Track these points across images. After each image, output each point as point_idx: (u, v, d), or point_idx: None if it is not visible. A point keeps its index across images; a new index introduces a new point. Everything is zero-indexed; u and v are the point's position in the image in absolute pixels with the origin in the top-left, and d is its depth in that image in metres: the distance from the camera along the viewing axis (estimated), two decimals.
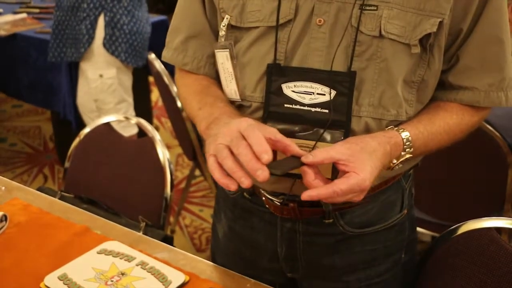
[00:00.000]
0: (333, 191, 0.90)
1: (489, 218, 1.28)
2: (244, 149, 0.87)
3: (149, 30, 3.09)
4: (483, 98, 1.09)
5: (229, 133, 0.91)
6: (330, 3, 1.01)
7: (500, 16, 1.06)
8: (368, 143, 0.97)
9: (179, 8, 1.22)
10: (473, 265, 1.26)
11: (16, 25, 3.59)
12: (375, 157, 0.96)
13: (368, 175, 0.92)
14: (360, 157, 0.93)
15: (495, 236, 1.25)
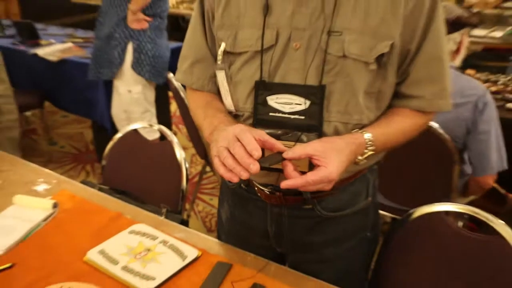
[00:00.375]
0: (306, 181, 0.92)
1: (439, 204, 1.29)
2: (239, 149, 0.90)
3: (168, 54, 3.09)
4: (428, 105, 1.10)
5: (226, 137, 0.93)
6: (304, 31, 1.02)
7: (439, 38, 1.07)
8: (337, 143, 0.98)
9: (186, 39, 1.23)
10: (427, 241, 1.27)
11: (64, 52, 3.59)
12: (342, 154, 0.96)
13: (335, 169, 0.93)
14: (330, 154, 0.94)
15: (444, 218, 1.26)
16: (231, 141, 0.92)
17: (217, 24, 1.12)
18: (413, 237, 1.29)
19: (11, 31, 4.16)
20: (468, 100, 1.86)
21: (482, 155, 1.89)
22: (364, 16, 1.00)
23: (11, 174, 1.66)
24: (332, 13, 1.00)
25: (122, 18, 2.90)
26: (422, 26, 1.04)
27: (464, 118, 1.88)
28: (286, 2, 1.03)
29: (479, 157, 1.90)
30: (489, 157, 1.88)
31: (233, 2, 1.09)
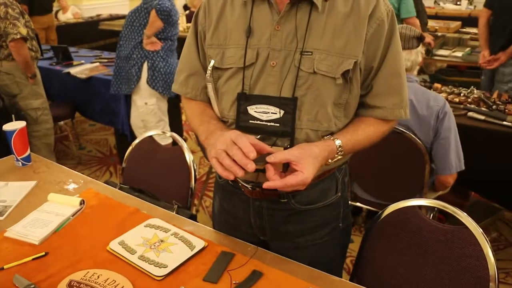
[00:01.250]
0: (285, 184, 0.93)
1: (413, 199, 1.27)
2: (237, 151, 0.91)
3: None
4: (390, 114, 1.10)
5: (224, 141, 0.94)
6: (280, 51, 1.02)
7: (398, 57, 1.08)
8: (313, 150, 0.98)
9: (182, 55, 1.23)
10: (402, 232, 1.25)
11: (92, 71, 3.59)
12: (316, 160, 0.97)
13: (310, 174, 0.94)
14: (307, 160, 0.94)
15: (417, 212, 1.24)
16: (229, 144, 0.93)
17: (208, 43, 1.12)
18: (390, 228, 1.27)
19: (49, 54, 4.17)
20: (432, 111, 1.87)
21: (442, 157, 1.89)
22: (332, 39, 1.01)
23: (46, 175, 1.64)
24: (304, 36, 1.01)
25: (138, 41, 2.91)
26: (383, 47, 1.04)
27: (429, 126, 1.88)
28: (265, 26, 1.04)
29: (440, 159, 1.90)
30: (448, 159, 1.88)
31: (221, 26, 1.10)
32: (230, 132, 0.96)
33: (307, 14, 1.01)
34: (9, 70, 2.90)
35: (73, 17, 7.36)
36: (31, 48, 2.91)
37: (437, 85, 2.79)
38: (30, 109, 3.02)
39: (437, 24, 5.25)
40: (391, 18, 1.05)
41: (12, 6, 2.77)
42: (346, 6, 1.02)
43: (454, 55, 3.99)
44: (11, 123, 1.70)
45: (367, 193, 2.15)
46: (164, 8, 2.76)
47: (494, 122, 2.22)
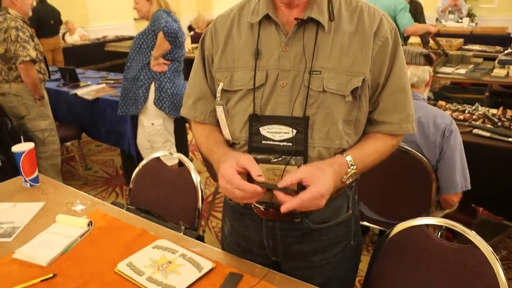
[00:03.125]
0: (301, 200, 0.93)
1: (420, 218, 1.27)
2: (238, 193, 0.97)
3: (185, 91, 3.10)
4: (397, 129, 1.11)
5: (223, 183, 0.99)
6: (289, 72, 1.04)
7: (403, 72, 1.09)
8: (321, 165, 0.99)
9: (190, 79, 1.24)
10: (410, 251, 1.24)
11: (98, 92, 3.63)
12: (326, 172, 0.97)
13: (322, 185, 0.94)
14: (316, 174, 0.95)
15: (425, 231, 1.23)
16: (228, 187, 0.98)
17: (216, 67, 1.13)
18: (398, 247, 1.26)
19: (56, 75, 4.22)
20: (438, 129, 1.87)
21: (448, 176, 1.88)
22: (339, 57, 1.02)
23: (54, 196, 1.65)
24: (312, 56, 1.02)
25: (146, 63, 2.94)
26: (388, 63, 1.06)
27: (435, 143, 1.88)
28: (273, 48, 1.06)
29: (445, 177, 1.89)
30: (454, 178, 1.87)
31: (229, 49, 1.12)
32: (222, 168, 1.00)
33: (314, 34, 1.03)
34: (17, 92, 2.94)
35: (80, 39, 7.48)
36: (40, 70, 2.96)
37: (441, 102, 2.80)
38: (38, 131, 3.05)
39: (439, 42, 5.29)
40: (394, 35, 1.07)
41: (23, 29, 2.83)
42: (351, 25, 1.04)
43: (458, 72, 4.01)
44: (20, 144, 1.72)
45: (374, 212, 2.13)
46: (172, 30, 2.80)
47: (500, 139, 2.22)
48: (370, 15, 1.05)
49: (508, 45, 5.57)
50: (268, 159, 1.04)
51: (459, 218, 2.07)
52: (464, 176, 1.87)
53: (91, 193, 3.12)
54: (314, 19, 1.02)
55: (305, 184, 0.95)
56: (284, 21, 1.06)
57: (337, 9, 1.05)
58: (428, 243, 1.21)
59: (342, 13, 1.05)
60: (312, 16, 1.02)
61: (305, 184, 0.95)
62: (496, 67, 4.00)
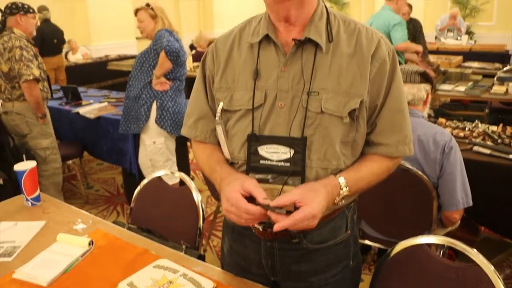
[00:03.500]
0: (294, 219, 0.95)
1: (421, 236, 1.27)
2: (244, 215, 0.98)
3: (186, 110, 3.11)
4: (394, 150, 1.11)
5: (227, 206, 1.00)
6: (287, 92, 1.05)
7: (400, 94, 1.10)
8: (314, 186, 1.01)
9: (191, 99, 1.25)
10: (412, 270, 1.23)
11: (100, 110, 3.65)
12: (319, 193, 0.98)
13: (315, 206, 0.96)
14: (309, 196, 0.97)
15: (426, 249, 1.23)
16: (233, 210, 0.99)
17: (216, 86, 1.15)
18: (399, 266, 1.26)
19: (59, 94, 4.26)
20: (438, 146, 1.88)
21: (449, 193, 1.88)
22: (337, 79, 1.03)
23: (55, 215, 1.65)
24: (310, 77, 1.03)
25: (148, 82, 2.96)
26: (385, 85, 1.07)
27: (435, 160, 1.88)
28: (272, 68, 1.07)
29: (446, 194, 1.89)
30: (455, 195, 1.86)
31: (229, 69, 1.13)
32: (227, 191, 1.01)
33: (313, 55, 1.04)
34: (20, 111, 2.96)
35: (82, 58, 7.56)
36: (43, 89, 2.99)
37: (441, 120, 2.82)
38: (39, 149, 3.06)
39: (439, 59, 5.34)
40: (392, 57, 1.08)
41: (27, 49, 2.87)
42: (349, 47, 1.05)
43: (457, 90, 4.04)
44: (22, 163, 1.72)
45: (375, 231, 2.13)
46: (173, 49, 2.83)
47: (500, 156, 2.23)
48: (368, 37, 1.06)
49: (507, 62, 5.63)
50: (266, 179, 1.06)
51: (462, 236, 2.07)
52: (465, 193, 1.87)
53: (92, 212, 3.12)
54: (312, 40, 1.04)
55: (298, 205, 0.96)
56: (283, 42, 1.07)
57: (335, 31, 1.07)
58: (429, 261, 1.20)
59: (340, 34, 1.07)
60: (310, 37, 1.04)
61: (298, 205, 0.96)
62: (495, 84, 4.04)
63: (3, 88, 2.93)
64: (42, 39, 5.93)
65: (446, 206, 1.90)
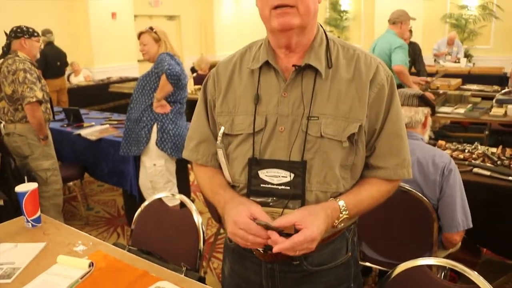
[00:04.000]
0: (293, 242, 0.96)
1: (422, 258, 1.27)
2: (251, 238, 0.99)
3: (186, 132, 3.11)
4: (393, 174, 1.13)
5: (234, 229, 1.01)
6: (287, 117, 1.07)
7: (398, 118, 1.12)
8: (314, 209, 1.02)
9: (192, 123, 1.27)
10: None
11: (102, 132, 3.67)
12: (319, 217, 1.00)
13: (315, 229, 0.97)
14: (308, 218, 0.98)
15: (427, 271, 1.23)
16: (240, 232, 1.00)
17: (218, 111, 1.17)
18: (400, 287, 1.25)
19: (61, 116, 4.29)
20: (437, 168, 1.89)
21: (448, 215, 1.88)
22: (336, 104, 1.06)
23: (56, 237, 1.66)
24: (310, 102, 1.06)
25: (149, 104, 2.99)
26: (384, 110, 1.09)
27: (435, 182, 1.89)
28: (273, 93, 1.09)
29: (446, 216, 1.88)
30: (455, 217, 1.86)
31: (230, 93, 1.15)
32: (234, 215, 1.02)
33: (312, 80, 1.07)
34: (22, 132, 2.99)
35: (85, 80, 7.64)
36: (45, 111, 3.02)
37: (441, 142, 2.83)
38: (41, 170, 3.08)
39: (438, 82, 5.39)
40: (390, 83, 1.10)
41: (31, 71, 2.91)
42: (348, 72, 1.08)
43: (457, 112, 4.06)
44: (23, 184, 1.73)
45: (375, 252, 2.12)
46: (174, 72, 2.87)
47: (500, 177, 2.23)
48: (367, 63, 1.09)
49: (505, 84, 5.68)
50: (266, 202, 1.07)
51: (463, 258, 2.06)
52: (465, 215, 1.87)
53: (92, 234, 3.10)
54: (312, 66, 1.06)
55: (298, 227, 0.97)
56: (283, 67, 1.10)
57: (335, 57, 1.10)
58: (429, 283, 1.20)
59: (339, 60, 1.09)
60: (310, 63, 1.06)
61: (298, 227, 0.97)
62: (494, 106, 4.07)
63: (6, 110, 2.96)
64: (45, 62, 6.01)
65: (446, 228, 1.90)
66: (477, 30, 9.40)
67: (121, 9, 8.77)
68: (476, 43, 9.49)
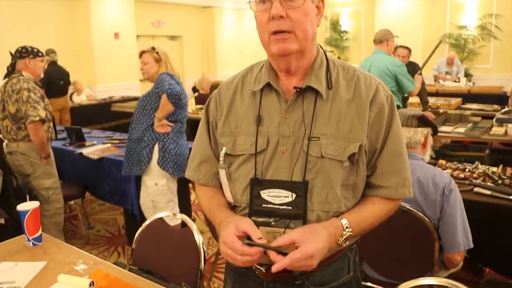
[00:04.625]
0: (291, 259, 0.96)
1: (423, 278, 1.27)
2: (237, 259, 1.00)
3: (188, 152, 3.13)
4: (394, 193, 1.14)
5: (224, 249, 1.02)
6: (289, 138, 1.09)
7: (399, 137, 1.14)
8: (315, 227, 1.03)
9: (195, 143, 1.28)
10: None
11: (103, 152, 3.68)
12: (320, 235, 1.00)
13: (313, 245, 0.97)
14: (308, 236, 0.99)
15: None
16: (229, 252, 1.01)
17: (220, 132, 1.18)
18: None
19: (63, 134, 4.31)
20: (437, 188, 1.89)
21: (449, 235, 1.87)
22: (337, 124, 1.07)
23: (57, 256, 1.66)
24: (311, 123, 1.07)
25: (150, 124, 3.01)
26: (384, 129, 1.11)
27: (435, 202, 1.90)
28: (274, 115, 1.11)
29: (447, 236, 1.88)
30: (456, 237, 1.86)
31: (232, 114, 1.17)
32: (223, 235, 1.03)
33: (313, 102, 1.09)
34: (24, 151, 3.00)
35: (87, 99, 7.70)
36: (47, 129, 3.04)
37: (441, 161, 2.84)
38: (42, 189, 3.08)
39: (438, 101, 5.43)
40: (390, 102, 1.12)
41: (35, 90, 2.95)
42: (348, 93, 1.10)
43: (457, 131, 4.08)
44: (25, 203, 1.74)
45: (377, 272, 2.11)
46: (175, 92, 2.89)
47: (501, 196, 2.23)
48: (367, 83, 1.11)
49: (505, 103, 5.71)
50: (268, 222, 1.07)
51: (465, 278, 2.04)
52: (466, 235, 1.87)
53: (93, 253, 3.09)
54: (312, 87, 1.09)
55: (298, 245, 0.98)
56: (285, 89, 1.12)
57: (335, 78, 1.12)
58: None
59: (339, 81, 1.12)
60: (310, 85, 1.09)
61: (297, 245, 0.98)
62: (495, 125, 4.09)
63: (9, 128, 2.99)
64: (48, 81, 6.06)
65: (447, 248, 1.89)
66: (477, 50, 9.49)
67: (123, 29, 8.90)
68: (475, 62, 9.57)
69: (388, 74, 3.91)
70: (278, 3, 1.01)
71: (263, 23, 1.04)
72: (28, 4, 7.55)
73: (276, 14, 1.01)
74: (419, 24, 9.65)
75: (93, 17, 8.28)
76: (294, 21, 1.02)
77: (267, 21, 1.03)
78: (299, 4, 1.02)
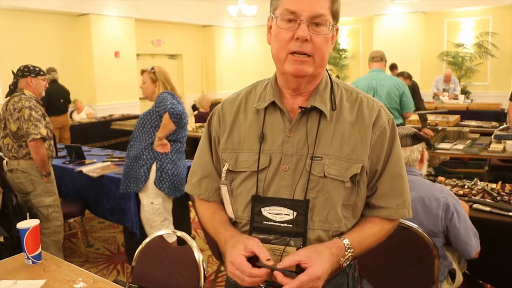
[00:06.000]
0: (300, 282, 0.97)
1: None
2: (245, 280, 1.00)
3: (185, 172, 3.13)
4: (394, 214, 1.15)
5: (232, 269, 1.03)
6: (292, 156, 1.10)
7: (399, 160, 1.16)
8: (319, 247, 1.04)
9: (196, 158, 1.29)
10: None
11: (103, 169, 3.69)
12: (324, 256, 1.01)
13: (319, 267, 0.98)
14: (313, 257, 1.00)
15: None
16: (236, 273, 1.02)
17: (222, 147, 1.19)
18: None
19: (63, 153, 4.32)
20: (439, 202, 1.92)
21: (462, 244, 1.93)
22: (340, 145, 1.09)
23: (56, 274, 1.66)
24: (314, 143, 1.09)
25: (149, 142, 3.02)
26: (385, 152, 1.13)
27: (437, 217, 1.91)
28: (278, 133, 1.13)
29: (461, 245, 1.94)
30: (470, 241, 1.92)
31: (235, 131, 1.18)
32: (231, 255, 1.03)
33: (317, 122, 1.11)
34: (25, 169, 3.02)
35: (87, 117, 7.73)
36: (48, 147, 3.06)
37: (440, 178, 2.85)
38: (42, 206, 3.08)
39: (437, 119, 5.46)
40: (392, 125, 1.15)
41: (36, 109, 2.97)
42: (351, 115, 1.12)
43: (456, 148, 4.10)
44: (25, 221, 1.75)
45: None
46: (177, 111, 2.91)
47: (500, 213, 2.24)
48: (369, 106, 1.14)
49: (503, 120, 5.75)
50: (268, 239, 1.08)
51: None
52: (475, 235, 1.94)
53: (92, 271, 3.07)
54: (317, 108, 1.11)
55: (304, 266, 0.99)
56: (289, 108, 1.14)
57: (338, 100, 1.14)
58: None
59: (343, 103, 1.14)
60: (315, 105, 1.11)
61: (303, 266, 0.99)
62: (493, 142, 4.11)
63: (10, 146, 3.01)
64: (48, 99, 6.09)
65: (466, 255, 1.96)
66: (474, 67, 9.57)
67: (124, 48, 8.99)
68: (473, 80, 9.64)
69: (395, 92, 3.98)
70: (306, 26, 1.03)
71: (283, 41, 1.06)
72: (29, 23, 7.65)
73: (302, 36, 1.03)
74: (416, 42, 9.75)
75: (94, 36, 8.37)
76: (316, 46, 1.05)
77: (289, 39, 1.05)
78: (324, 31, 1.05)
